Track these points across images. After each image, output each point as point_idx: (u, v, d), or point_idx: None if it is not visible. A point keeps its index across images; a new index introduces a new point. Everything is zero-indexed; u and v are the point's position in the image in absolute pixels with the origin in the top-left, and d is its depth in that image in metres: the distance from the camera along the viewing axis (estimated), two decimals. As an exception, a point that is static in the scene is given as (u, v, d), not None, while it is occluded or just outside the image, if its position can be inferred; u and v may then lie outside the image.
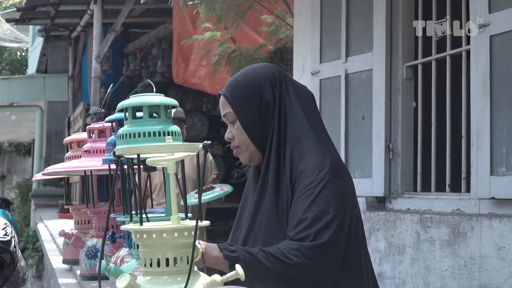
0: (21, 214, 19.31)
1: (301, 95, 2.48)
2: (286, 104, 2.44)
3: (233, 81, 2.51)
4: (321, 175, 2.31)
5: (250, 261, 2.23)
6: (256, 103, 2.44)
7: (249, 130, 2.45)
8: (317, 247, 2.23)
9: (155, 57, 11.13)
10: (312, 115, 2.47)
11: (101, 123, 3.36)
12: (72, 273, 3.99)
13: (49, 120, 16.44)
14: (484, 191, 3.58)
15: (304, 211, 2.28)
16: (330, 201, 2.29)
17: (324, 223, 2.25)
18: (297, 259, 2.21)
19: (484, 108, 3.61)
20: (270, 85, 2.45)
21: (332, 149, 2.45)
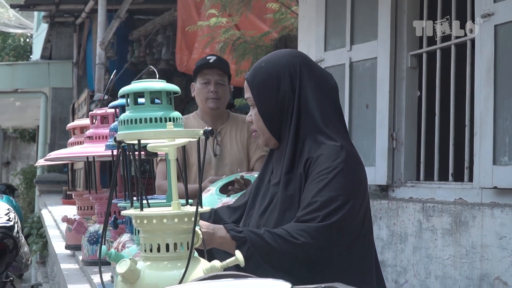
0: (26, 200, 19.37)
1: (322, 86, 2.49)
2: (304, 95, 2.44)
3: (257, 67, 2.54)
4: (335, 163, 2.34)
5: (256, 242, 2.25)
6: (273, 92, 2.46)
7: (265, 117, 2.49)
8: (323, 228, 2.26)
9: (159, 44, 11.11)
10: (331, 107, 2.48)
11: (103, 109, 3.36)
12: (75, 259, 4.00)
13: (54, 106, 16.43)
14: (487, 180, 3.57)
15: (315, 194, 2.31)
16: (341, 188, 2.32)
17: (333, 208, 2.28)
18: (303, 239, 2.24)
19: (487, 98, 3.60)
20: (289, 76, 2.46)
21: (348, 141, 2.48)
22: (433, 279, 3.85)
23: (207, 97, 4.17)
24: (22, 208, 17.44)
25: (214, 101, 4.18)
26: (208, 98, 4.17)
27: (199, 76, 4.21)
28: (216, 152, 4.19)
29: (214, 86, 4.16)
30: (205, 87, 4.19)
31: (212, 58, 4.26)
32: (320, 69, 2.58)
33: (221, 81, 4.20)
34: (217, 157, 4.19)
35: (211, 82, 4.17)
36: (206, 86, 4.18)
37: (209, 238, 2.23)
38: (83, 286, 3.16)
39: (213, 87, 4.16)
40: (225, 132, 4.25)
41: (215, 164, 4.17)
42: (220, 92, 4.20)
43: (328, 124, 2.43)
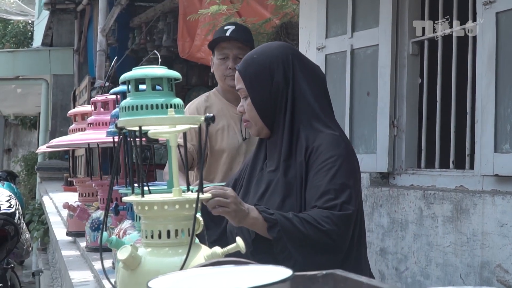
0: (27, 187, 19.41)
1: (313, 78, 2.56)
2: (298, 85, 2.51)
3: (249, 58, 2.59)
4: (339, 150, 2.43)
5: (286, 225, 2.30)
6: (266, 83, 2.51)
7: (258, 107, 2.54)
8: (345, 217, 2.35)
9: (160, 31, 11.09)
10: (322, 97, 2.57)
11: (104, 96, 3.36)
12: (76, 245, 4.01)
13: (55, 93, 16.44)
14: (488, 168, 3.57)
15: (327, 183, 2.39)
16: (348, 175, 2.42)
17: (347, 196, 2.38)
18: (328, 226, 2.31)
19: (489, 85, 3.59)
20: (282, 67, 2.51)
21: (340, 129, 2.58)
22: (433, 267, 3.86)
23: (226, 74, 3.72)
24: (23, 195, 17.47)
25: (233, 78, 3.49)
26: (227, 76, 3.71)
27: (216, 50, 3.76)
28: (245, 136, 3.74)
29: (232, 62, 3.68)
30: (223, 63, 3.74)
31: (230, 29, 3.74)
32: (310, 61, 2.66)
33: (241, 54, 3.57)
34: (246, 142, 3.75)
35: (229, 57, 3.71)
36: (224, 62, 3.73)
37: (243, 217, 2.28)
38: (84, 272, 3.17)
39: (232, 63, 3.68)
40: None
41: (245, 149, 3.74)
42: None
43: (321, 112, 2.51)
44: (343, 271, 1.55)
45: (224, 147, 3.69)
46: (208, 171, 3.68)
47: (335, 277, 1.54)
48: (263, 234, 2.32)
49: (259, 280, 1.24)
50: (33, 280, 12.54)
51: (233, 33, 3.70)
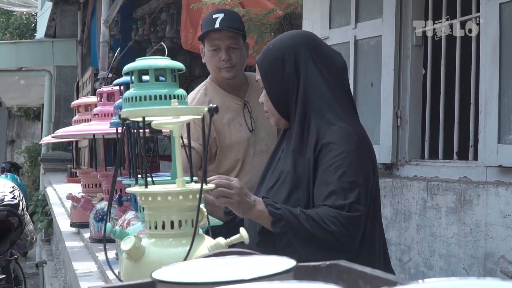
0: (31, 178, 19.45)
1: (328, 67, 2.52)
2: (309, 76, 2.48)
3: (266, 48, 2.59)
4: (349, 146, 2.38)
5: (291, 221, 2.29)
6: (279, 74, 2.50)
7: (273, 98, 2.54)
8: (353, 218, 2.31)
9: (163, 22, 11.08)
10: (338, 88, 2.52)
11: (109, 87, 3.36)
12: (80, 236, 4.01)
13: (58, 84, 16.46)
14: (491, 159, 3.57)
15: (336, 182, 2.35)
16: (358, 172, 2.37)
17: (356, 195, 2.33)
18: (334, 226, 2.28)
19: (493, 76, 3.59)
20: (293, 58, 2.49)
21: (356, 121, 2.53)
22: (437, 258, 3.86)
23: (220, 67, 3.54)
24: (27, 186, 17.51)
25: (228, 69, 3.54)
26: (221, 68, 3.55)
27: (206, 41, 3.58)
28: (251, 127, 3.62)
29: (225, 54, 3.52)
30: (215, 55, 3.55)
31: (219, 18, 3.52)
32: (328, 49, 2.60)
33: (234, 44, 3.53)
34: (253, 133, 3.62)
35: (221, 48, 3.53)
36: (216, 54, 3.55)
37: (248, 209, 2.29)
38: (88, 263, 3.17)
39: (225, 55, 3.52)
40: (253, 101, 3.60)
41: (253, 140, 3.62)
42: (234, 58, 3.54)
43: (335, 103, 2.46)
44: (347, 262, 1.55)
45: (233, 141, 3.57)
46: (218, 166, 3.56)
47: (338, 267, 1.54)
48: (267, 227, 2.32)
49: (263, 270, 1.24)
50: (36, 271, 12.57)
51: (223, 22, 3.50)
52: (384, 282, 1.34)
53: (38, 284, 12.28)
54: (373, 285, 1.38)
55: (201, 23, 3.70)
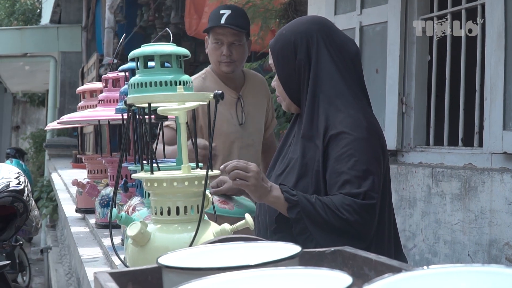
0: (35, 164, 19.48)
1: (342, 54, 2.50)
2: (321, 63, 2.46)
3: (279, 33, 2.57)
4: (360, 133, 2.37)
5: (307, 207, 2.30)
6: (290, 59, 2.49)
7: (284, 83, 2.53)
8: (368, 206, 2.30)
9: (168, 8, 11.06)
10: (350, 75, 2.49)
11: (115, 73, 3.36)
12: (85, 222, 4.02)
13: (63, 70, 16.47)
14: (496, 145, 3.57)
15: (350, 170, 2.34)
16: (371, 160, 2.36)
17: (370, 184, 2.32)
18: (348, 214, 2.28)
19: (498, 63, 3.58)
20: (305, 44, 2.48)
21: (367, 109, 2.50)
22: (441, 244, 3.87)
23: (220, 60, 3.71)
24: (31, 172, 17.54)
25: (228, 64, 3.71)
26: (222, 62, 3.71)
27: (211, 33, 3.74)
28: (241, 121, 3.79)
29: (227, 49, 3.69)
30: (217, 48, 3.72)
31: (226, 14, 3.70)
32: (341, 36, 2.56)
33: (236, 41, 3.70)
34: (242, 126, 3.79)
35: (224, 43, 3.69)
36: (218, 47, 3.71)
37: (264, 194, 2.30)
38: (94, 249, 3.18)
39: (226, 50, 3.69)
40: (247, 96, 3.84)
41: (241, 133, 3.78)
42: (235, 54, 3.71)
43: (346, 90, 2.45)
44: (352, 248, 1.55)
45: (222, 132, 3.71)
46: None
47: (343, 254, 1.54)
48: (283, 213, 2.33)
49: (268, 256, 1.24)
50: (41, 257, 12.62)
51: (228, 19, 3.68)
52: (388, 268, 1.35)
53: (42, 270, 12.33)
54: (378, 271, 1.38)
55: (209, 15, 3.84)
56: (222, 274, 1.12)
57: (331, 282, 1.05)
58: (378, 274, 1.35)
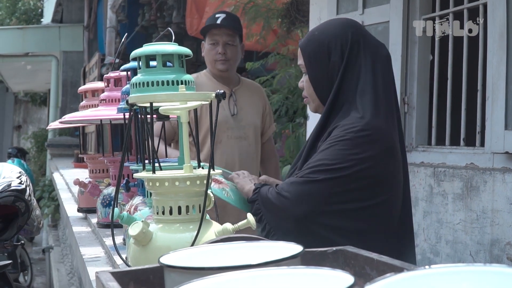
0: (37, 163, 19.50)
1: (375, 57, 2.46)
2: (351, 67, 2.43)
3: (310, 34, 2.55)
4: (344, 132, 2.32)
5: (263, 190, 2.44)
6: (324, 61, 2.46)
7: (315, 85, 2.51)
8: (296, 182, 2.33)
9: (170, 7, 11.06)
10: (382, 80, 2.43)
11: (117, 72, 3.36)
12: (87, 222, 4.02)
13: (65, 70, 16.48)
14: (498, 145, 3.57)
15: (312, 159, 2.36)
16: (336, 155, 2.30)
17: (317, 168, 2.31)
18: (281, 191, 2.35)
19: (500, 63, 3.58)
20: (340, 47, 2.44)
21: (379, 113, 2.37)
22: (443, 244, 3.87)
23: (216, 59, 4.00)
24: (33, 171, 17.57)
25: (223, 62, 4.00)
26: (217, 60, 4.00)
27: (207, 36, 4.04)
28: (233, 112, 4.04)
29: (222, 48, 3.99)
30: (213, 48, 4.01)
31: (221, 17, 4.02)
32: (373, 39, 2.54)
33: (231, 41, 4.01)
34: (234, 117, 4.03)
35: (219, 43, 4.00)
36: (214, 47, 4.01)
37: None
38: (95, 248, 3.18)
39: (221, 49, 3.99)
40: (240, 94, 4.10)
41: (233, 124, 4.02)
42: (229, 53, 4.02)
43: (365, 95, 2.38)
44: (354, 247, 1.55)
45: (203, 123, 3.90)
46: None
47: (345, 253, 1.54)
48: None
49: (270, 256, 1.25)
50: (43, 256, 12.62)
51: (224, 21, 3.99)
52: (390, 268, 1.35)
53: (44, 270, 12.34)
54: (380, 271, 1.38)
55: (206, 20, 4.17)
56: (223, 274, 1.12)
57: (332, 281, 1.05)
58: (380, 273, 1.35)
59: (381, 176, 2.38)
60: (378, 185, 2.37)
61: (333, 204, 2.31)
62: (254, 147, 4.08)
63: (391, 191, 2.42)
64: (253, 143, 4.07)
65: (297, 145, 6.53)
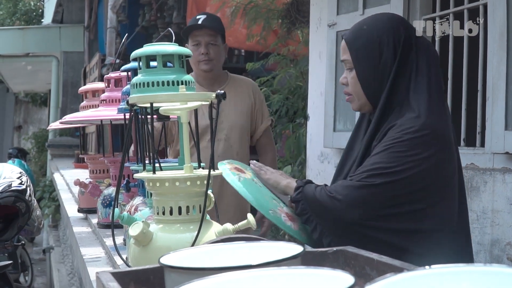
0: (38, 164, 19.50)
1: (426, 54, 2.37)
2: (403, 64, 2.33)
3: (358, 28, 2.42)
4: (401, 133, 2.23)
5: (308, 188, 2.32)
6: (374, 58, 2.34)
7: (363, 82, 2.38)
8: (352, 186, 2.21)
9: (170, 8, 11.07)
10: (435, 78, 2.35)
11: (117, 73, 3.37)
12: (87, 222, 4.03)
13: (65, 70, 16.48)
14: (499, 145, 3.57)
15: (366, 161, 2.26)
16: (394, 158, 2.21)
17: (375, 172, 2.20)
18: (335, 193, 2.22)
19: (500, 63, 3.58)
20: (392, 42, 2.33)
21: (434, 112, 2.32)
22: (443, 244, 3.87)
23: (199, 60, 4.00)
24: (34, 172, 17.57)
25: (206, 62, 4.00)
26: (200, 61, 4.00)
27: (190, 37, 4.05)
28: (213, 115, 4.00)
29: (204, 48, 3.99)
30: (196, 49, 4.01)
31: (202, 18, 4.05)
32: (422, 37, 2.45)
33: (213, 41, 4.02)
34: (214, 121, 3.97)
35: (202, 43, 4.00)
36: (197, 48, 4.01)
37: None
38: (96, 249, 3.18)
39: (204, 49, 3.99)
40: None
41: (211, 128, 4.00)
42: (212, 53, 4.02)
43: (419, 94, 2.31)
44: (354, 247, 1.55)
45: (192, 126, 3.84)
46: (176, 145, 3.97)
47: (345, 253, 1.54)
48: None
49: (270, 256, 1.25)
50: (43, 257, 12.63)
51: (205, 21, 4.01)
52: (390, 268, 1.35)
53: (45, 270, 12.34)
54: (380, 271, 1.38)
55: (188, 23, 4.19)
56: (224, 274, 1.12)
57: (333, 282, 1.05)
58: (380, 273, 1.35)
59: (439, 177, 2.29)
60: (436, 185, 2.28)
61: (391, 207, 2.22)
62: (237, 148, 4.02)
63: (448, 190, 2.33)
64: (236, 144, 4.02)
65: (298, 145, 6.52)
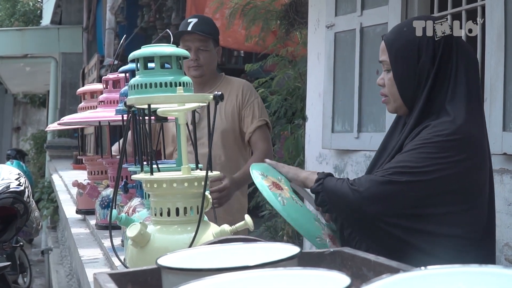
0: (36, 165, 19.48)
1: (467, 61, 2.34)
2: (442, 69, 2.30)
3: (398, 30, 2.41)
4: (433, 135, 2.21)
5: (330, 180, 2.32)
6: (413, 60, 2.32)
7: (400, 84, 2.36)
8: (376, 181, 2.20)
9: (169, 9, 11.06)
10: (473, 84, 2.31)
11: (115, 74, 3.37)
12: (86, 223, 4.02)
13: (64, 71, 16.48)
14: (496, 146, 3.57)
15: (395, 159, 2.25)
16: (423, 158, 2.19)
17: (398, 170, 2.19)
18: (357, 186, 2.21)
19: (498, 64, 3.58)
20: (432, 45, 2.31)
21: (478, 122, 2.29)
22: (441, 245, 3.87)
23: (189, 65, 3.91)
24: (32, 173, 17.56)
25: (196, 68, 3.90)
26: (190, 67, 3.91)
27: (180, 42, 3.95)
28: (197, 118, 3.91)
29: (194, 54, 3.88)
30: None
31: (192, 22, 3.93)
32: (463, 42, 2.42)
33: (203, 46, 3.91)
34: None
35: (191, 49, 3.88)
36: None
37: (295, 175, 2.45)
38: (94, 250, 3.19)
39: (193, 55, 3.88)
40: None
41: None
42: (202, 58, 3.91)
43: (457, 101, 2.26)
44: (351, 248, 1.56)
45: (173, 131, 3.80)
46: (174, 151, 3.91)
47: (342, 254, 1.55)
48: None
49: (267, 257, 1.25)
50: (42, 258, 12.63)
51: (195, 26, 3.90)
52: (387, 268, 1.35)
53: (43, 271, 12.34)
54: (377, 272, 1.39)
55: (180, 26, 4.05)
56: (221, 275, 1.13)
57: (329, 282, 1.06)
58: (377, 274, 1.35)
59: (467, 184, 2.24)
60: (465, 192, 2.24)
61: (413, 207, 2.20)
62: (220, 152, 3.91)
63: (476, 199, 2.28)
64: (219, 148, 3.90)
65: (296, 146, 6.52)
